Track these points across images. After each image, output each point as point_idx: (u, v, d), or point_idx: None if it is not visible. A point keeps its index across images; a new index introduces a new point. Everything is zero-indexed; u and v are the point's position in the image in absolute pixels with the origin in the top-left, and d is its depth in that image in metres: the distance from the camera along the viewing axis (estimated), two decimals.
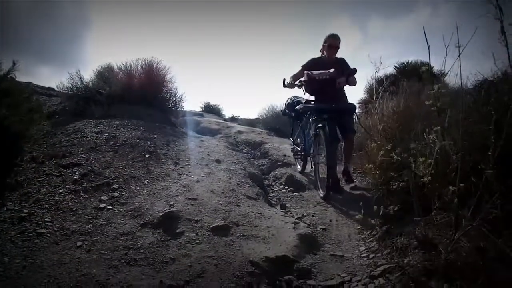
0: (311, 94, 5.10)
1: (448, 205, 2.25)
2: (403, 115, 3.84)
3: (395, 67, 11.08)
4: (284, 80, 5.06)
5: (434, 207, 2.44)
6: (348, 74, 4.78)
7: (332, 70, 4.75)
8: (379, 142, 3.35)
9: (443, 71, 4.82)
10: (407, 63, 11.00)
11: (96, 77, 7.54)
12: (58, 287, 2.43)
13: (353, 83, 4.89)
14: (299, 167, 5.90)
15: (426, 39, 2.63)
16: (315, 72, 4.82)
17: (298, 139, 5.93)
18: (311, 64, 5.14)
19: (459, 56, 2.38)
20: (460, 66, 2.40)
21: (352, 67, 4.95)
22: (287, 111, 5.97)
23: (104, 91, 6.97)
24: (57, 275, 2.55)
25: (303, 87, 5.02)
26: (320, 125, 4.63)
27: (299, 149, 5.81)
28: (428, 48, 2.75)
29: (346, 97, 5.20)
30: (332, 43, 5.04)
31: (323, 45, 5.13)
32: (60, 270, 2.61)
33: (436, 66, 5.42)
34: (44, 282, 2.46)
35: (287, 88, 5.07)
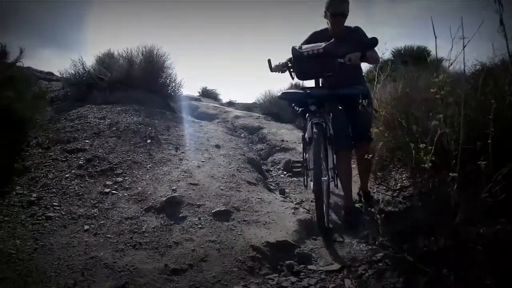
0: (300, 78, 3.68)
1: (447, 192, 2.30)
2: (401, 101, 3.84)
3: (392, 51, 11.06)
4: (269, 61, 3.63)
5: (433, 193, 2.48)
6: (364, 48, 3.36)
7: (332, 41, 3.28)
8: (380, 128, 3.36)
9: (448, 60, 4.78)
10: (404, 48, 10.98)
11: (97, 63, 7.50)
12: (68, 269, 2.49)
13: (373, 59, 3.51)
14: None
15: (434, 29, 2.65)
16: (304, 47, 3.40)
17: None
18: (312, 41, 3.63)
19: (463, 48, 2.41)
20: (464, 58, 2.43)
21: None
22: (295, 107, 3.74)
23: (106, 77, 6.95)
24: (67, 257, 2.60)
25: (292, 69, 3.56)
26: (316, 121, 3.25)
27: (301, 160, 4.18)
28: (435, 39, 2.78)
29: (364, 82, 3.91)
30: (335, 9, 3.53)
31: (325, 15, 3.66)
32: (69, 252, 2.66)
33: (439, 52, 5.04)
34: (55, 264, 2.51)
35: (277, 74, 3.68)
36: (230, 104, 15.19)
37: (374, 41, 3.29)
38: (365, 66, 6.73)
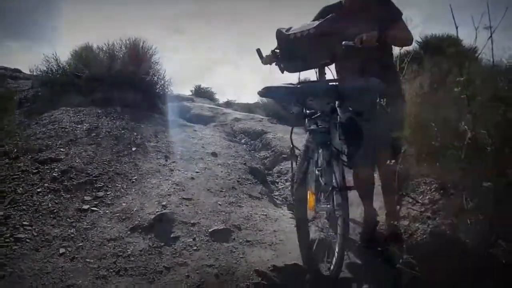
0: (288, 70, 3.04)
1: (483, 204, 2.30)
2: (428, 98, 3.81)
3: (417, 42, 11.01)
4: (259, 51, 3.14)
5: (467, 206, 2.49)
6: (384, 23, 2.87)
7: (329, 16, 2.74)
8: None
9: (474, 48, 4.71)
10: (431, 36, 10.92)
11: (73, 58, 7.52)
12: None
13: (399, 39, 3.08)
14: None
15: (454, 19, 2.68)
16: (293, 27, 2.86)
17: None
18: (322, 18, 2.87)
19: (489, 37, 2.44)
20: (492, 49, 2.46)
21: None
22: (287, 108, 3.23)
23: (83, 74, 6.96)
24: (40, 286, 2.62)
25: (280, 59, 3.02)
26: (312, 128, 2.77)
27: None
28: (456, 29, 2.81)
29: (394, 72, 3.36)
30: None
31: None
32: (42, 280, 2.67)
33: (467, 41, 4.77)
34: None
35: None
36: (228, 104, 15.22)
37: (397, 13, 2.94)
38: None
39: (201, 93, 18.02)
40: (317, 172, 2.70)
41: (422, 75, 4.19)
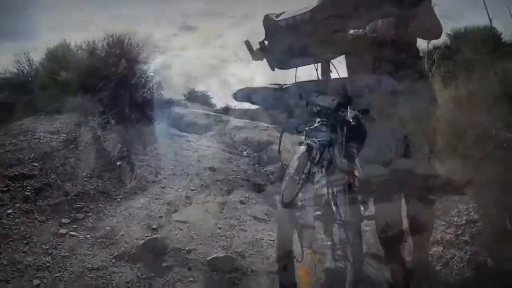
0: (278, 66, 2.89)
1: None
2: (464, 102, 3.79)
3: (448, 34, 10.99)
4: (248, 44, 2.86)
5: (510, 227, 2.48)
6: (401, 7, 2.40)
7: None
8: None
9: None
10: (464, 29, 10.93)
11: (47, 58, 7.53)
12: None
13: (424, 28, 2.58)
14: None
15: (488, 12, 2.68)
16: (284, 13, 2.66)
17: None
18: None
19: None
20: None
21: None
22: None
23: (60, 76, 6.97)
24: None
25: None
26: (307, 141, 2.63)
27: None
28: (490, 22, 2.81)
29: (419, 70, 2.81)
30: None
31: None
32: None
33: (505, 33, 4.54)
34: None
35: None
36: (227, 110, 15.20)
37: None
38: None
39: (196, 97, 18.00)
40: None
41: (453, 73, 4.18)
